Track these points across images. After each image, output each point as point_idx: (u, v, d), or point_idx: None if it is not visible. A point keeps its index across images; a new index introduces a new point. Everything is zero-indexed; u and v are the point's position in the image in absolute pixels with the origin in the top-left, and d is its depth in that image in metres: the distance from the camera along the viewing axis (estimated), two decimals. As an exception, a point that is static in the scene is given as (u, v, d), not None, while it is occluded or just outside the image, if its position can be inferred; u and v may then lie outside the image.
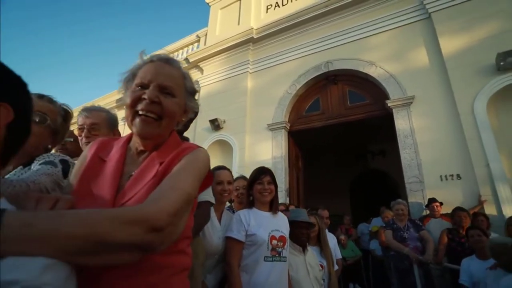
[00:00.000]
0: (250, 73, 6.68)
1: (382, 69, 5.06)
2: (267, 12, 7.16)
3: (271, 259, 1.58)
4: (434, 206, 3.76)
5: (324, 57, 5.77)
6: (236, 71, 6.82)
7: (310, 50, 6.00)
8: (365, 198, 9.10)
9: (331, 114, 5.60)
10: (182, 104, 0.79)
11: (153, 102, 0.72)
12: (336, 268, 2.57)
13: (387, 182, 8.62)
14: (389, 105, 4.74)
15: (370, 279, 4.69)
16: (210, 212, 1.51)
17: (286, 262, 1.67)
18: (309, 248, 2.10)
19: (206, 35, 8.04)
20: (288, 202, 5.07)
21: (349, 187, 9.65)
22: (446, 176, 4.04)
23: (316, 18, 6.04)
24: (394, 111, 4.69)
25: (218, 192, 1.67)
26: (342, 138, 7.36)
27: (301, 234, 2.00)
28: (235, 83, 6.68)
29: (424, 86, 4.59)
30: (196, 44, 8.35)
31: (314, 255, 2.15)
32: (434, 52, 4.65)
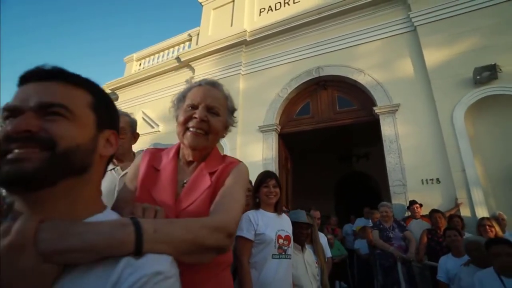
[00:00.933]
0: (243, 75, 6.76)
1: (370, 76, 5.30)
2: (260, 15, 7.26)
3: (278, 257, 1.70)
4: (415, 208, 4.01)
5: (315, 62, 5.94)
6: (228, 72, 6.88)
7: (302, 55, 6.15)
8: (349, 199, 9.42)
9: (321, 118, 5.80)
10: (224, 121, 0.93)
11: (202, 120, 0.84)
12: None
13: (370, 184, 8.98)
14: (376, 112, 4.98)
15: (355, 277, 4.92)
16: None
17: (291, 259, 1.79)
18: (307, 247, 2.24)
19: (198, 35, 8.03)
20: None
21: (333, 189, 9.93)
22: (427, 180, 4.31)
23: (308, 24, 6.21)
24: (381, 118, 4.94)
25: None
26: (329, 141, 7.60)
27: (301, 234, 2.14)
28: (227, 85, 6.17)
29: (408, 95, 4.87)
30: (187, 43, 8.32)
31: (311, 253, 2.29)
32: (418, 63, 4.93)
